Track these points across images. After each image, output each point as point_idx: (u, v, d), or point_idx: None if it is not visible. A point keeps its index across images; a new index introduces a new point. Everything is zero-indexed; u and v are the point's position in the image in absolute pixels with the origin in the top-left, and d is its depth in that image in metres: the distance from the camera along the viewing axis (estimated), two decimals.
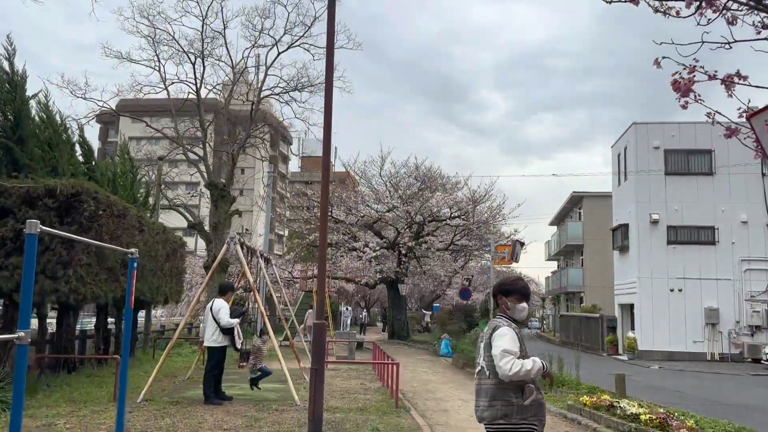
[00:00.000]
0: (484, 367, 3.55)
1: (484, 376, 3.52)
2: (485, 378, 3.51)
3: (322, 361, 6.90)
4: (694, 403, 12.33)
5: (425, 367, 17.74)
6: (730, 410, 11.27)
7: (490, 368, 3.48)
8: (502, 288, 3.78)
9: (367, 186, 26.82)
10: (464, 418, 9.34)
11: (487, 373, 3.51)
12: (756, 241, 25.38)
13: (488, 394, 3.49)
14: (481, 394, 3.53)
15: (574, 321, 36.15)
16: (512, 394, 3.45)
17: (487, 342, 3.56)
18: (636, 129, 27.08)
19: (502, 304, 3.74)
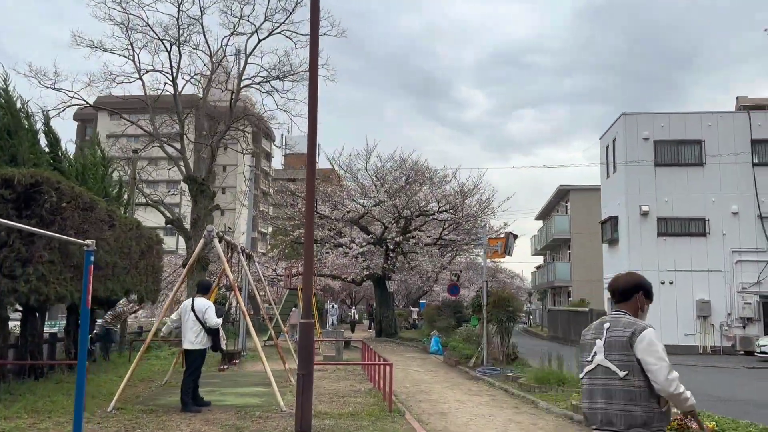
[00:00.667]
0: (613, 367, 3.10)
1: (612, 375, 3.11)
2: (615, 378, 3.10)
3: (310, 365, 6.20)
4: (697, 399, 11.76)
5: (416, 366, 17.08)
6: (737, 407, 10.75)
7: (628, 368, 3.07)
8: (645, 286, 3.39)
9: (352, 180, 26.09)
10: (463, 422, 8.68)
11: (620, 373, 3.08)
12: (747, 233, 25.06)
13: (623, 397, 3.06)
14: (607, 396, 3.11)
15: (562, 316, 35.76)
16: (653, 399, 3.08)
17: (626, 341, 3.12)
18: (625, 120, 26.63)
19: (639, 303, 3.34)
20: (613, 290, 3.41)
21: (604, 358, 3.17)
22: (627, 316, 3.28)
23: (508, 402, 10.63)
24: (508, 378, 13.14)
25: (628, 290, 3.37)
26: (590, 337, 3.30)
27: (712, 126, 25.82)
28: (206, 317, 8.89)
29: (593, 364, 3.20)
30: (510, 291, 17.97)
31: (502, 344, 15.48)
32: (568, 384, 11.22)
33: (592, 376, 3.19)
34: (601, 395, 3.11)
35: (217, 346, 9.26)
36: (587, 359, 3.26)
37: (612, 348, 3.16)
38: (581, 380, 3.31)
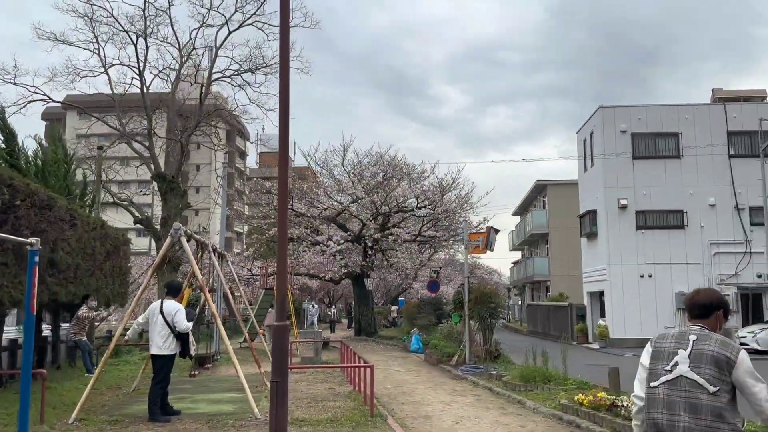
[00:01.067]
0: (701, 380, 3.01)
1: (699, 389, 3.03)
2: (703, 392, 3.02)
3: (285, 372, 5.70)
4: None
5: (397, 365, 16.66)
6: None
7: (719, 385, 2.99)
8: (725, 305, 3.34)
9: (329, 177, 25.55)
10: (449, 425, 8.26)
11: (710, 388, 3.01)
12: (724, 224, 25.13)
13: (710, 413, 2.97)
14: (693, 410, 3.01)
15: (541, 310, 35.66)
16: (738, 418, 3.02)
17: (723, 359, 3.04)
18: (602, 113, 26.52)
19: (718, 322, 3.29)
20: (692, 305, 3.36)
21: (689, 369, 3.07)
22: (713, 332, 3.22)
23: (493, 402, 10.25)
24: (492, 376, 12.79)
25: (709, 307, 3.30)
26: (669, 346, 3.16)
27: (688, 118, 25.84)
28: (176, 321, 8.34)
29: (673, 374, 3.08)
30: (491, 287, 17.66)
31: (485, 341, 15.13)
32: (553, 381, 10.89)
33: (671, 387, 3.06)
34: (684, 408, 2.99)
35: (186, 352, 8.72)
36: (665, 368, 3.11)
37: (701, 361, 3.06)
38: (651, 388, 3.12)
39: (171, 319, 8.34)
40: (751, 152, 25.23)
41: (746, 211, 25.05)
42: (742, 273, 24.62)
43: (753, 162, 25.02)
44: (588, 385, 10.76)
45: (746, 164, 25.14)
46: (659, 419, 3.03)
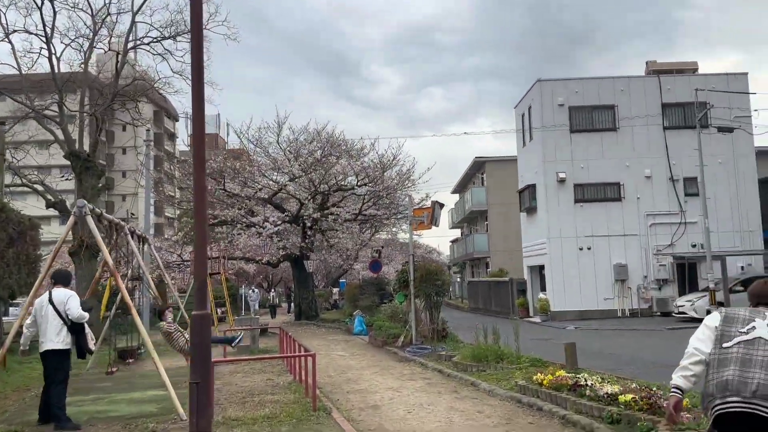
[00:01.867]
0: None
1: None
2: None
3: (208, 371, 4.74)
4: (636, 366, 11.28)
5: (340, 350, 15.82)
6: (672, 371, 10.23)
7: None
8: None
9: (263, 155, 24.18)
10: (400, 415, 7.49)
11: None
12: (660, 195, 25.48)
13: None
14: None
15: (482, 286, 35.65)
16: None
17: None
18: (540, 86, 26.28)
19: None
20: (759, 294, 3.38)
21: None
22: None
23: (445, 385, 9.56)
24: (441, 357, 12.15)
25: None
26: (745, 315, 3.18)
27: (624, 91, 25.94)
28: (68, 307, 7.18)
29: (751, 335, 3.05)
30: (437, 263, 17.03)
31: (432, 320, 14.49)
32: (507, 360, 10.31)
33: (749, 347, 3.00)
34: (762, 366, 2.90)
35: (85, 349, 7.58)
36: (740, 330, 3.09)
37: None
38: (723, 348, 3.04)
39: (63, 308, 7.19)
40: (685, 124, 25.60)
41: (680, 182, 25.48)
42: (678, 243, 25.08)
43: (687, 133, 25.41)
44: (542, 362, 10.27)
45: (680, 136, 25.51)
46: (730, 376, 2.91)
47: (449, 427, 6.71)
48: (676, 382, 3.19)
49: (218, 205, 24.38)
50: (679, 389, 3.18)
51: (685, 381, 3.16)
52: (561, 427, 6.48)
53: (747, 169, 25.50)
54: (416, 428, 6.77)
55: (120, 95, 18.36)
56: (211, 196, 23.93)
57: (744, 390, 2.82)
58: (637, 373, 9.94)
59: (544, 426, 6.58)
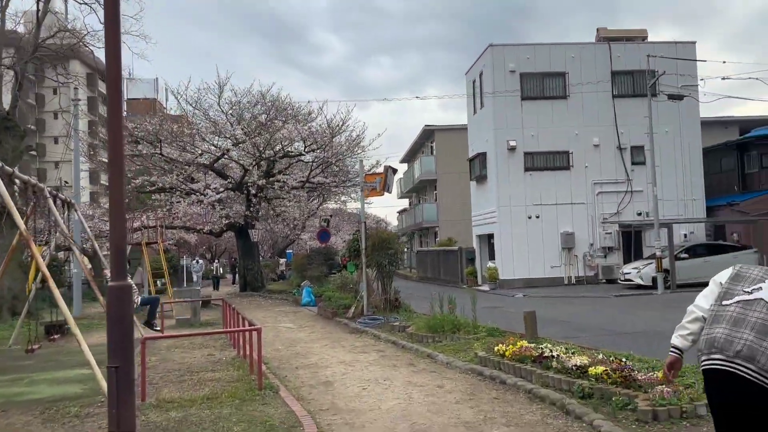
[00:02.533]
0: None
1: None
2: None
3: (129, 353, 3.97)
4: (592, 333, 11.07)
5: (288, 322, 15.11)
6: (636, 339, 10.06)
7: None
8: None
9: (203, 118, 22.79)
10: (355, 392, 6.89)
11: None
12: (607, 164, 25.60)
13: None
14: (763, 332, 2.77)
15: (431, 256, 35.51)
16: None
17: None
18: (492, 52, 25.78)
19: None
20: None
21: None
22: None
23: (400, 358, 9.03)
24: (394, 328, 11.63)
25: None
26: (757, 274, 3.04)
27: (575, 58, 25.75)
28: None
29: (754, 296, 2.94)
30: (390, 231, 16.42)
31: (384, 290, 13.95)
32: (463, 330, 9.87)
33: (746, 307, 2.90)
34: (753, 328, 2.81)
35: None
36: (744, 289, 3.00)
37: None
38: (722, 306, 2.96)
39: None
40: (634, 92, 25.69)
41: (628, 150, 25.65)
42: (624, 211, 25.34)
43: (635, 102, 25.52)
44: (500, 331, 9.89)
45: (629, 104, 25.61)
46: (718, 334, 2.86)
47: (409, 405, 6.17)
48: (673, 342, 3.14)
49: (156, 172, 23.00)
50: (677, 349, 3.12)
51: (682, 340, 3.10)
52: (528, 402, 6.03)
53: (692, 139, 25.88)
54: (373, 406, 6.20)
55: (43, 47, 16.68)
56: (148, 161, 22.54)
57: (728, 348, 2.79)
58: (593, 341, 9.69)
59: (510, 401, 6.11)
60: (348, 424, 5.59)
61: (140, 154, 22.08)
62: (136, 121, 22.82)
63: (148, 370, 8.65)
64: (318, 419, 5.78)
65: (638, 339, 10.05)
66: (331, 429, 5.46)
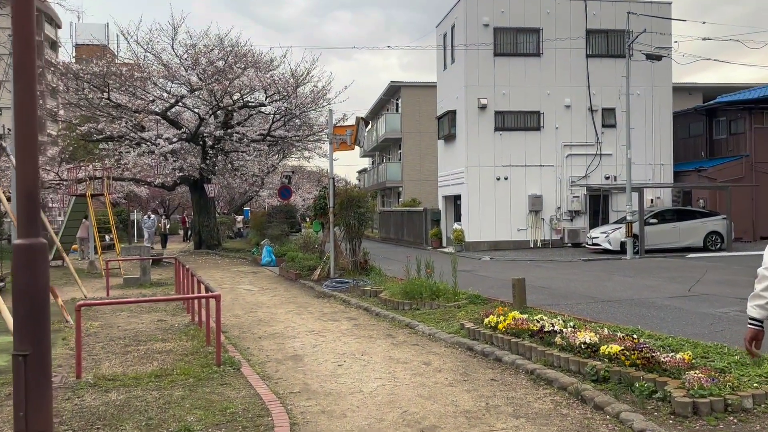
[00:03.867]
0: None
1: None
2: None
3: (44, 337, 2.93)
4: (575, 300, 10.44)
5: (247, 283, 14.07)
6: (622, 307, 9.47)
7: None
8: None
9: (155, 62, 20.94)
10: (330, 370, 5.98)
11: None
12: (578, 126, 25.00)
13: None
14: None
15: (395, 216, 34.69)
16: None
17: None
18: (466, 3, 24.54)
19: None
20: None
21: None
22: None
23: (376, 328, 8.15)
24: (365, 293, 10.74)
25: None
26: None
27: (550, 13, 24.78)
28: None
29: None
30: (360, 190, 15.39)
31: (353, 252, 13.01)
32: (443, 297, 9.05)
33: None
34: None
35: None
36: None
37: None
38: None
39: None
40: (607, 52, 25.00)
41: (599, 112, 25.06)
42: (592, 175, 24.91)
43: (608, 62, 24.87)
44: (482, 298, 9.11)
45: (602, 64, 24.94)
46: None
47: (394, 388, 5.31)
48: (751, 314, 2.92)
49: (103, 119, 21.23)
50: (756, 321, 2.90)
51: (760, 310, 2.88)
52: (533, 385, 5.24)
53: (663, 102, 25.46)
54: (353, 389, 5.32)
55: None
56: (95, 107, 20.75)
57: None
58: (579, 309, 9.06)
59: (511, 384, 5.32)
60: (326, 413, 4.70)
61: (86, 97, 20.24)
62: (82, 63, 20.87)
63: (88, 338, 7.58)
64: (289, 405, 4.87)
65: (624, 307, 9.46)
66: (306, 419, 4.55)
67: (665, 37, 24.50)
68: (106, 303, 7.33)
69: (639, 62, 22.70)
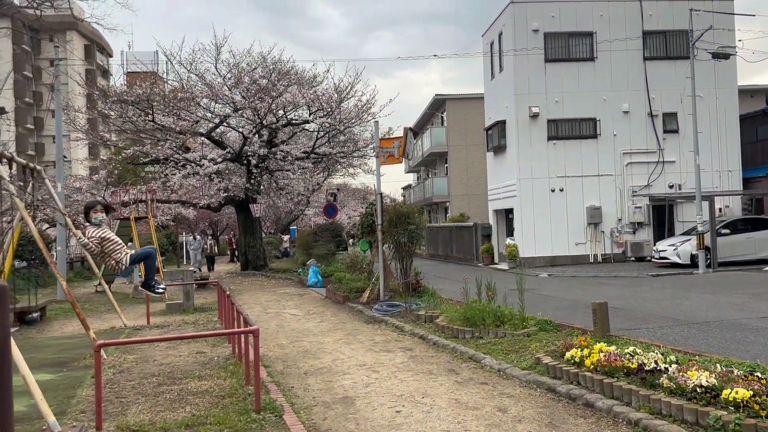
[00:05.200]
0: None
1: None
2: None
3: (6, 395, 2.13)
4: (655, 325, 9.24)
5: (293, 307, 13.33)
6: (712, 332, 8.26)
7: None
8: None
9: (199, 82, 20.71)
10: (387, 418, 5.08)
11: None
12: (637, 133, 23.58)
13: None
14: None
15: (443, 232, 33.65)
16: None
17: None
18: (514, 9, 23.59)
19: None
20: None
21: None
22: None
23: (435, 361, 7.20)
24: (419, 318, 9.82)
25: None
26: None
27: (603, 16, 23.58)
28: None
29: None
30: (410, 205, 14.52)
31: (404, 273, 12.13)
32: (509, 324, 8.03)
33: None
34: None
35: None
36: None
37: None
38: None
39: None
40: (666, 54, 23.61)
41: (660, 117, 23.61)
42: (655, 184, 23.41)
43: (667, 64, 23.48)
44: (553, 324, 8.06)
45: (661, 67, 23.54)
46: None
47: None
48: None
49: (149, 141, 21.10)
50: None
51: None
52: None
53: (729, 105, 23.82)
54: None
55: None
56: (140, 130, 20.63)
57: None
58: (666, 336, 7.93)
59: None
60: None
61: (131, 120, 20.12)
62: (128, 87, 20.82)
63: (120, 375, 6.91)
64: None
65: (714, 330, 8.25)
66: None
67: (729, 35, 22.97)
68: (128, 342, 6.67)
69: (701, 62, 21.23)
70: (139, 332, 10.18)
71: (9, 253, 12.92)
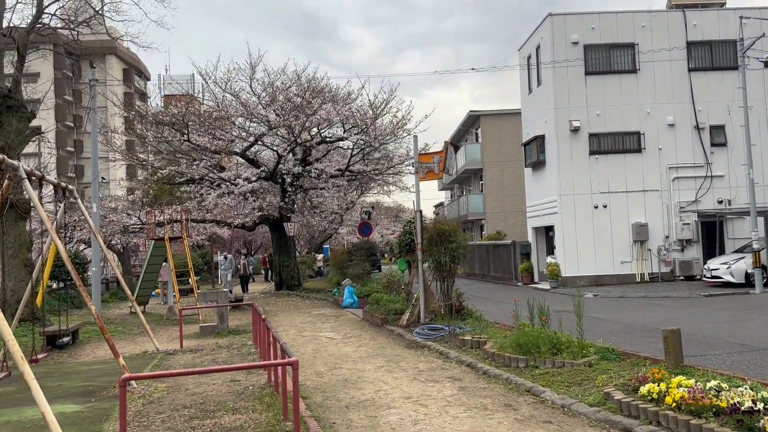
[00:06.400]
0: None
1: None
2: None
3: None
4: (723, 351, 8.45)
5: (329, 329, 12.83)
6: None
7: None
8: None
9: (234, 101, 20.60)
10: None
11: None
12: (683, 146, 22.62)
13: None
14: None
15: (479, 250, 32.85)
16: None
17: None
18: (552, 22, 23.02)
19: None
20: None
21: None
22: None
23: (489, 394, 6.59)
24: (464, 343, 9.20)
25: None
26: None
27: (645, 27, 22.82)
28: None
29: None
30: (451, 223, 13.97)
31: (445, 294, 11.54)
32: (566, 352, 7.37)
33: None
34: None
35: None
36: None
37: None
38: None
39: None
40: (712, 65, 22.70)
41: (706, 130, 22.62)
42: (703, 199, 22.36)
43: (713, 75, 22.58)
44: (615, 352, 7.37)
45: (707, 78, 22.62)
46: None
47: None
48: None
49: (184, 161, 21.05)
50: None
51: None
52: None
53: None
54: None
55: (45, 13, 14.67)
56: (175, 149, 20.60)
57: None
58: (735, 363, 7.20)
59: None
60: None
61: (166, 140, 20.12)
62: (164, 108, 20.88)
63: (150, 406, 6.49)
64: None
65: None
66: None
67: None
68: (156, 376, 6.27)
69: (750, 72, 20.29)
70: (172, 357, 9.80)
71: (45, 275, 12.78)
